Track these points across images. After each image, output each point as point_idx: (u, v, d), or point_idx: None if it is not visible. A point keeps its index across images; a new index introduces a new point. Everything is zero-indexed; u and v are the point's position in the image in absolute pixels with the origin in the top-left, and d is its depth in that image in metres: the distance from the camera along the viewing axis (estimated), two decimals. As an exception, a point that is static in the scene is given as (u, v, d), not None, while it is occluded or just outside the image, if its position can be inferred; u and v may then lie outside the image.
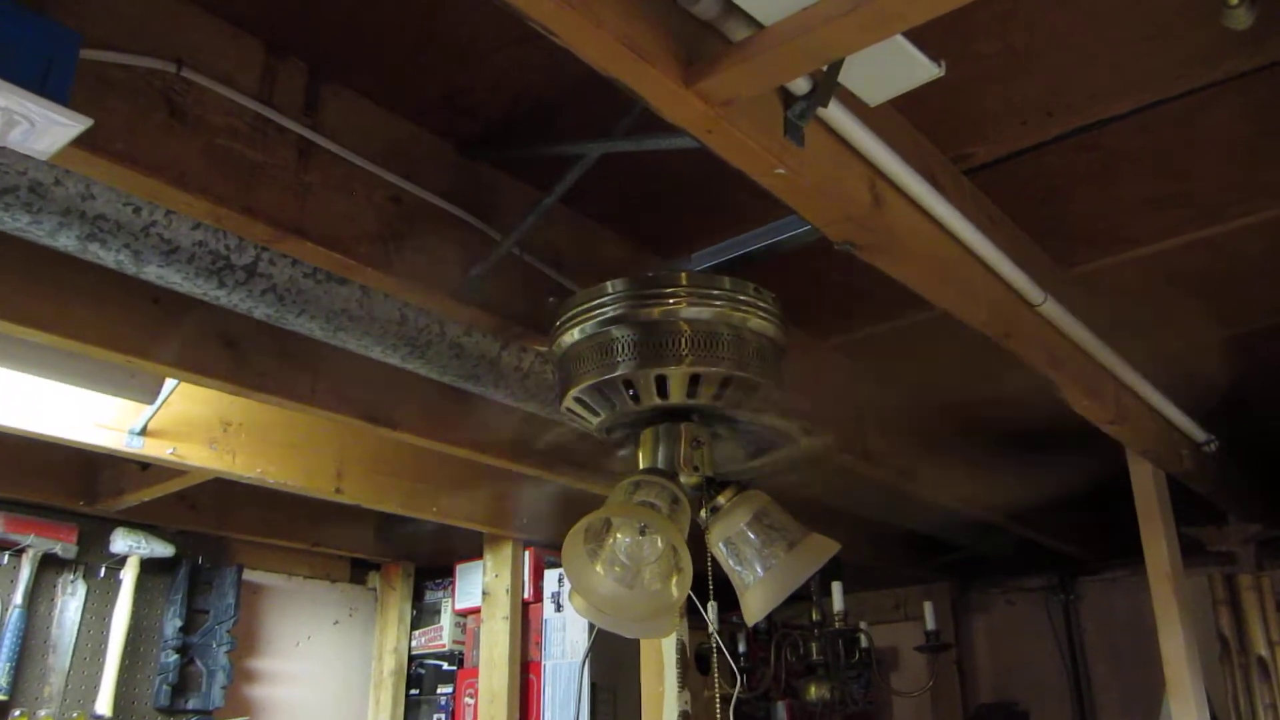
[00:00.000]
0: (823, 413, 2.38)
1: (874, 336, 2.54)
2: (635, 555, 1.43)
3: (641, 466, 1.53)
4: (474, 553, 3.69)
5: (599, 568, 1.43)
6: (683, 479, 1.50)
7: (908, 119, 1.66)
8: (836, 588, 3.52)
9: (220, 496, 3.24)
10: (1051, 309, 1.94)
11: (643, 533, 1.41)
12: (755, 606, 1.48)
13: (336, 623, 3.86)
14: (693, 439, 1.52)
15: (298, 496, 2.87)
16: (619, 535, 1.43)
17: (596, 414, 1.54)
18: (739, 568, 1.50)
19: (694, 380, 1.46)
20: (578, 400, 1.53)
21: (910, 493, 2.93)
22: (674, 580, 1.39)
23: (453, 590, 3.81)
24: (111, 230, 1.46)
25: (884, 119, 1.52)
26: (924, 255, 1.61)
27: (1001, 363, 2.11)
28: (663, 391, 1.46)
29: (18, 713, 2.86)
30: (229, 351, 2.00)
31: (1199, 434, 2.77)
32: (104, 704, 2.97)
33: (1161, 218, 2.03)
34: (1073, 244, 2.12)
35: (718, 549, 1.52)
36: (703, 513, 1.52)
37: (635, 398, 1.48)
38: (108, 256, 1.50)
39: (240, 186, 1.40)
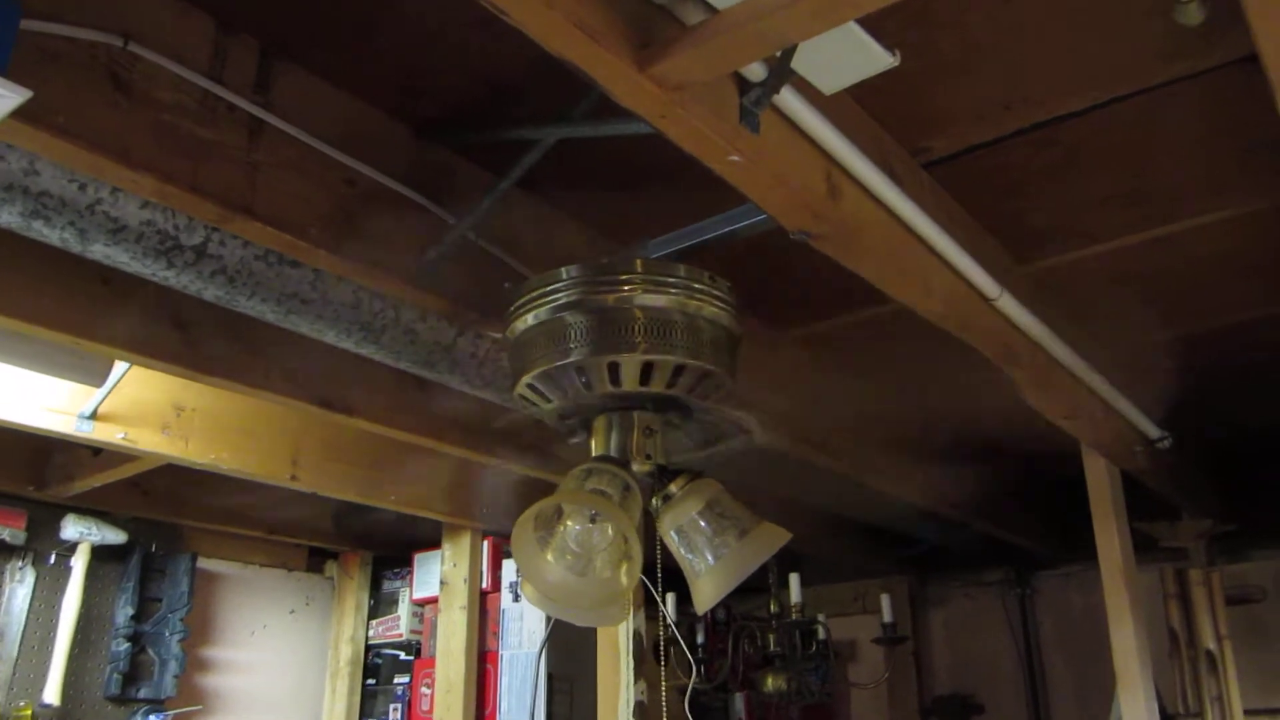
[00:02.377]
0: (779, 404, 2.38)
1: (834, 329, 2.55)
2: (586, 543, 1.42)
3: (594, 454, 1.52)
4: (432, 542, 3.67)
5: (550, 556, 1.42)
6: (635, 467, 1.49)
7: (866, 111, 1.65)
8: (794, 579, 3.54)
9: (174, 483, 3.20)
10: (1007, 304, 1.95)
11: (593, 520, 1.40)
12: (706, 594, 1.47)
13: (293, 611, 3.82)
14: (645, 427, 1.51)
15: (253, 483, 2.84)
16: (570, 523, 1.42)
17: (549, 401, 1.52)
18: (690, 556, 1.49)
19: (647, 368, 1.45)
20: (530, 387, 1.51)
21: (867, 485, 2.94)
22: (624, 568, 1.39)
23: (411, 580, 3.79)
24: (56, 208, 1.43)
25: (842, 110, 1.52)
26: (880, 247, 1.61)
27: (961, 357, 2.12)
28: (615, 379, 1.45)
29: (-38, 700, 2.82)
30: (180, 334, 1.97)
31: (1153, 430, 2.80)
32: (52, 693, 2.93)
33: (1118, 215, 2.04)
34: (1030, 240, 2.13)
35: (669, 537, 1.51)
36: (654, 501, 1.52)
37: (588, 385, 1.47)
38: (52, 234, 1.47)
39: (188, 164, 1.37)
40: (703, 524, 1.49)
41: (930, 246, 1.72)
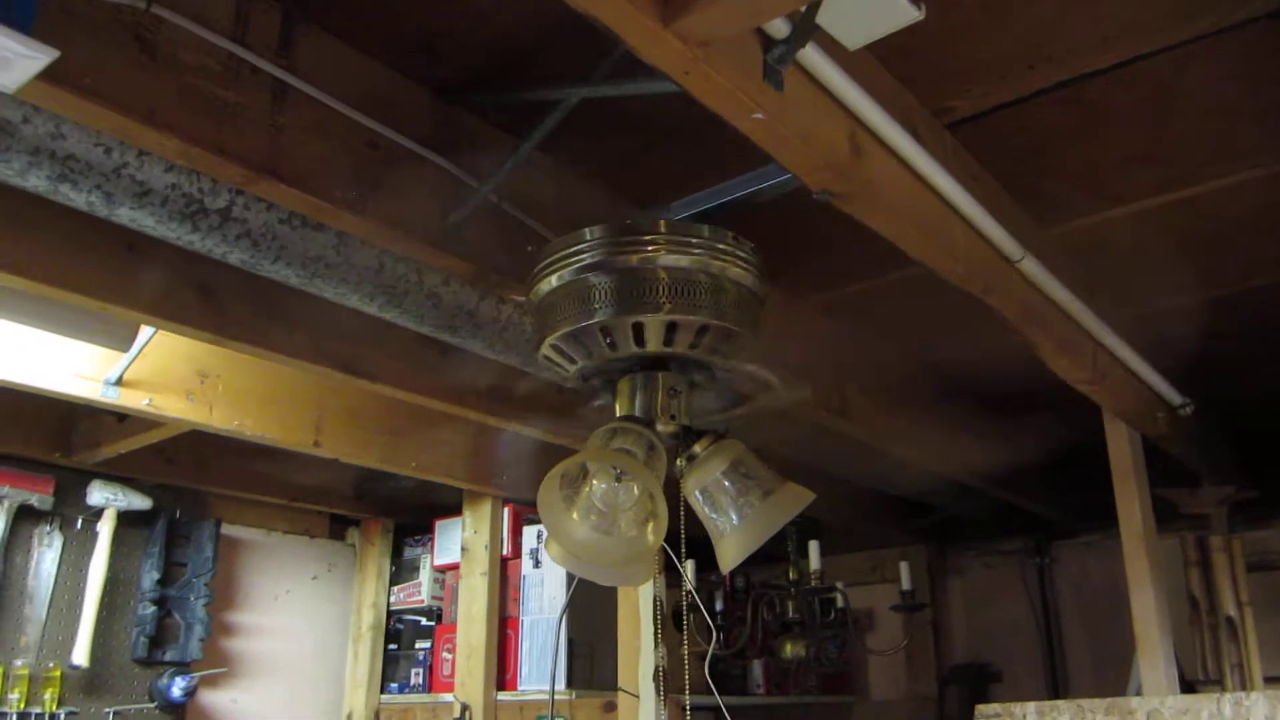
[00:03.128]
0: (801, 369, 2.38)
1: (856, 294, 2.54)
2: (611, 501, 1.43)
3: (618, 415, 1.52)
4: (453, 509, 3.70)
5: (575, 515, 1.43)
6: (659, 427, 1.49)
7: (890, 71, 1.65)
8: (813, 547, 3.55)
9: (198, 450, 3.23)
10: (1030, 266, 1.94)
11: (619, 479, 1.41)
12: (730, 554, 1.48)
13: (315, 578, 3.87)
14: (670, 388, 1.51)
15: (277, 450, 2.86)
16: (595, 482, 1.43)
17: (574, 362, 1.53)
18: (714, 516, 1.50)
19: (671, 328, 1.45)
20: (554, 348, 1.52)
21: (886, 452, 2.94)
22: (650, 526, 1.39)
23: (432, 546, 3.82)
24: (82, 171, 1.44)
25: (865, 69, 1.51)
26: (903, 207, 1.61)
27: (982, 323, 2.12)
28: (640, 339, 1.45)
29: (-6, 663, 2.86)
30: (204, 299, 1.99)
31: (1175, 397, 2.79)
32: (80, 654, 2.97)
33: (1142, 176, 2.03)
34: (1053, 201, 2.11)
35: (693, 497, 1.52)
36: (679, 461, 1.52)
37: (612, 345, 1.47)
38: (79, 198, 1.48)
39: (212, 126, 1.38)
40: (727, 484, 1.49)
41: (953, 207, 1.72)
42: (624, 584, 1.77)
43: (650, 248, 1.48)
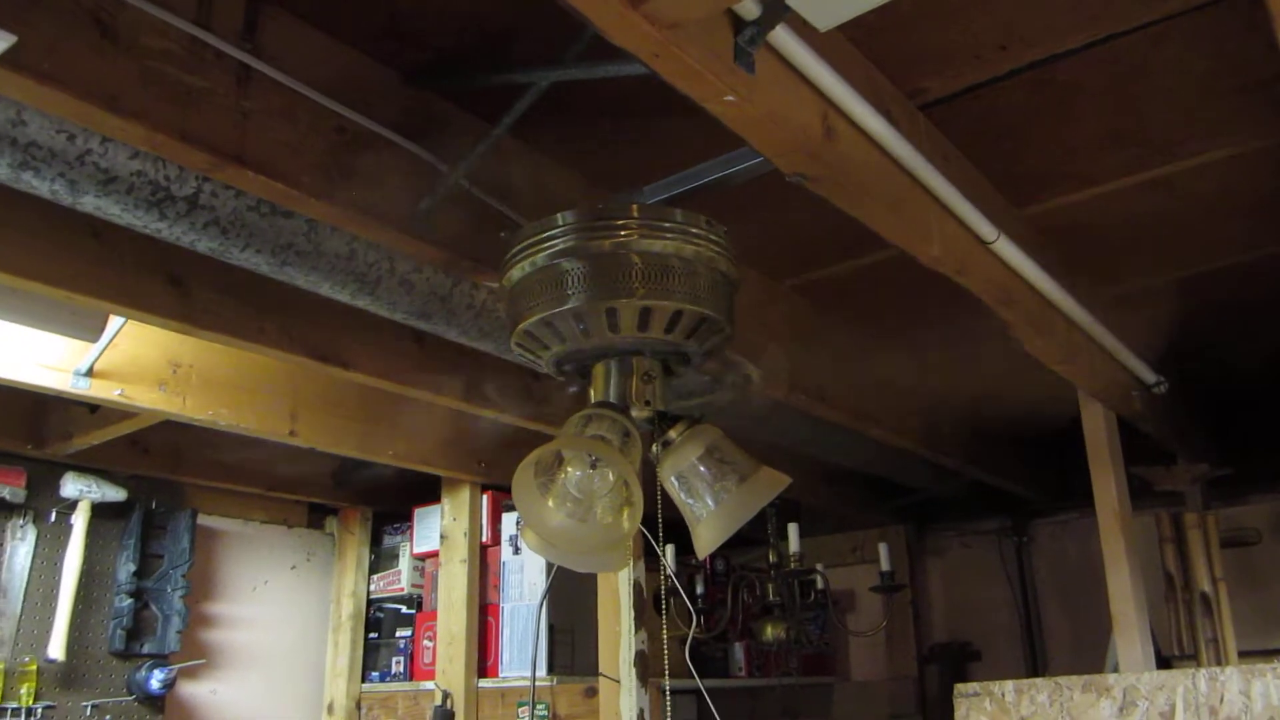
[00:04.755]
0: (777, 352, 2.38)
1: (832, 277, 2.54)
2: (586, 489, 1.42)
3: (593, 401, 1.51)
4: (432, 496, 3.68)
5: (551, 502, 1.42)
6: (634, 413, 1.49)
7: (862, 52, 1.64)
8: (792, 529, 3.56)
9: (173, 440, 3.20)
10: (1004, 247, 1.94)
11: (594, 466, 1.40)
12: (706, 539, 1.48)
13: (294, 567, 3.85)
14: (644, 373, 1.51)
15: (253, 440, 2.84)
16: (570, 469, 1.42)
17: (547, 348, 1.52)
18: (690, 501, 1.50)
19: (645, 313, 1.44)
20: (527, 334, 1.51)
21: (864, 434, 2.95)
22: (625, 513, 1.39)
23: (411, 534, 3.81)
24: (45, 159, 1.42)
25: (838, 51, 1.50)
26: (876, 189, 1.60)
27: (959, 305, 2.12)
28: (613, 325, 1.45)
29: (-32, 657, 2.83)
30: (173, 288, 1.96)
31: (1150, 375, 2.80)
32: (56, 648, 2.95)
33: (1115, 157, 2.03)
34: (1028, 182, 2.12)
35: (669, 483, 1.51)
36: (654, 447, 1.52)
37: (585, 332, 1.46)
38: (42, 186, 1.46)
39: (177, 111, 1.36)
40: (703, 469, 1.49)
41: (926, 188, 1.71)
42: (600, 570, 1.77)
43: (623, 232, 1.47)
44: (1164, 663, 3.00)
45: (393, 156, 1.64)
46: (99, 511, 3.13)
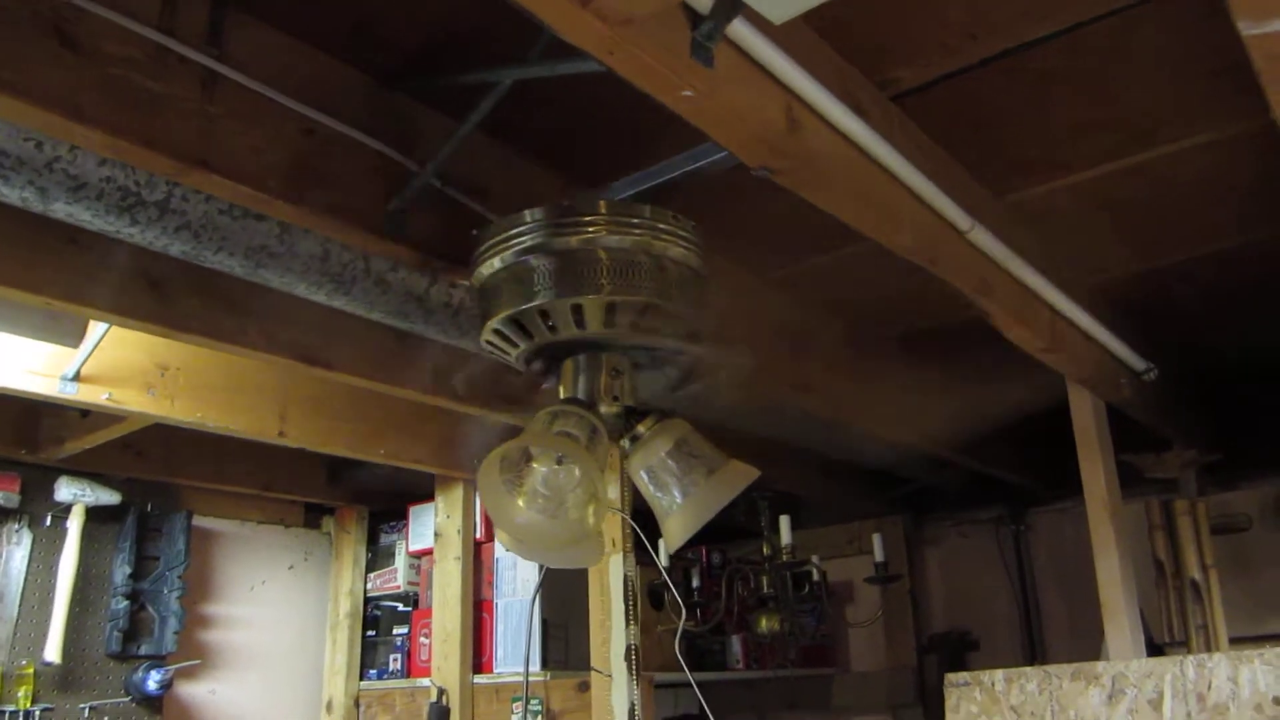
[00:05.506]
0: (757, 345, 2.38)
1: (813, 269, 2.54)
2: (554, 485, 1.43)
3: (562, 397, 1.52)
4: (427, 495, 3.70)
5: (521, 500, 1.43)
6: (603, 409, 1.49)
7: (830, 43, 1.63)
8: (784, 522, 3.56)
9: (167, 443, 3.22)
10: (980, 236, 1.94)
11: (560, 463, 1.41)
12: (675, 533, 1.49)
13: (291, 567, 3.86)
14: (612, 369, 1.52)
15: (246, 441, 2.86)
16: (537, 466, 1.43)
17: (516, 345, 1.53)
18: (659, 495, 1.51)
19: (611, 309, 1.45)
20: (496, 332, 1.52)
21: (853, 426, 2.95)
22: (591, 509, 1.39)
23: (406, 532, 3.82)
24: (14, 166, 1.42)
25: (802, 42, 1.50)
26: (844, 181, 1.60)
27: (943, 294, 2.11)
28: (580, 321, 1.45)
29: (-35, 662, 2.86)
30: (153, 292, 1.97)
31: (1138, 362, 2.80)
32: (53, 651, 2.97)
33: (1092, 143, 2.03)
34: (1005, 171, 2.11)
35: (639, 477, 1.52)
36: (624, 441, 1.52)
37: (553, 328, 1.47)
38: (12, 194, 1.46)
39: (140, 118, 1.36)
40: (671, 463, 1.50)
41: (897, 179, 1.71)
42: (576, 565, 1.77)
43: (590, 229, 1.48)
44: (1155, 650, 3.00)
45: (362, 157, 1.64)
46: (94, 515, 3.15)
